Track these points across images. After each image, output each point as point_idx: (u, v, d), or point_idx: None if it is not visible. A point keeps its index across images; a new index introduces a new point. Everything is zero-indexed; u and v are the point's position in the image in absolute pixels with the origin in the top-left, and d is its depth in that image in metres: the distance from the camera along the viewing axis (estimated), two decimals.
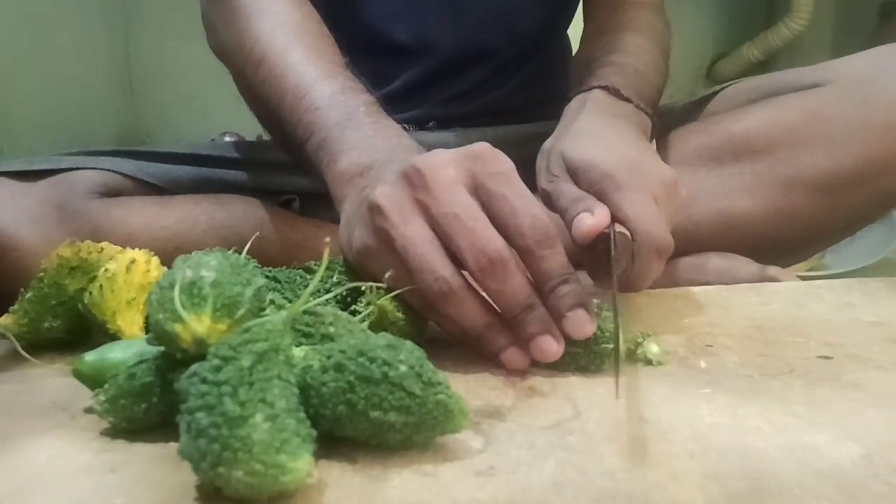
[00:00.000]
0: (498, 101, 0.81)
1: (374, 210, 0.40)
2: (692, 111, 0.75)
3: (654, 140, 0.65)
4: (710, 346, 0.44)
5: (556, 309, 0.39)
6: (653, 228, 0.46)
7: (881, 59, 0.63)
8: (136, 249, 0.46)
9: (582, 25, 0.85)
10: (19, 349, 0.44)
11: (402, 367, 0.29)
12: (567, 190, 0.50)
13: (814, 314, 0.51)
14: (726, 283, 0.62)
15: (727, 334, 0.46)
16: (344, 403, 0.29)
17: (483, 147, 0.41)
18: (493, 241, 0.38)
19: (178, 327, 0.30)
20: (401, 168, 0.41)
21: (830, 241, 0.70)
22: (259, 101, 0.61)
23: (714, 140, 0.67)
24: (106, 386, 0.33)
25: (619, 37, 0.72)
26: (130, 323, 0.43)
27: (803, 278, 0.64)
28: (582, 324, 0.38)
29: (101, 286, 0.44)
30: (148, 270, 0.44)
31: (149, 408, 0.32)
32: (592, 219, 0.45)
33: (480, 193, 0.40)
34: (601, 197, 0.48)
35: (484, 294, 0.40)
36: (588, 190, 0.49)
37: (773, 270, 0.62)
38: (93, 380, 0.35)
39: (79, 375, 0.36)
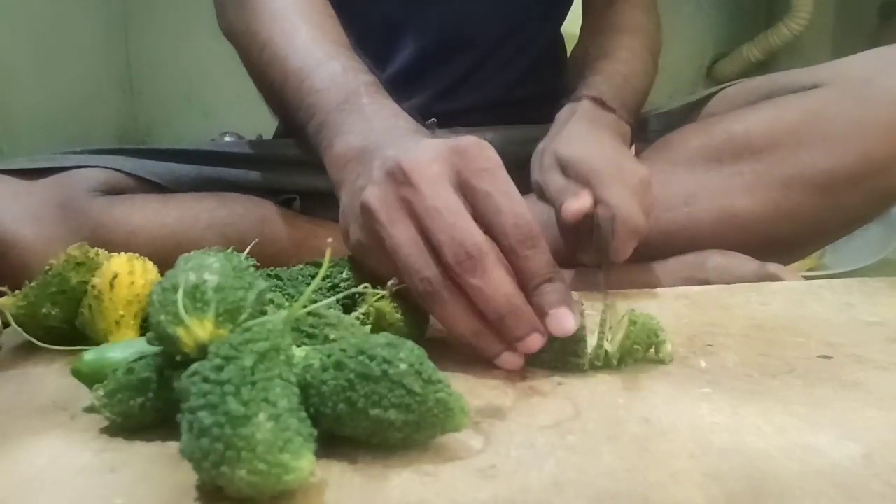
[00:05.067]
0: (496, 94, 0.81)
1: (365, 211, 0.41)
2: (691, 112, 0.75)
3: (633, 145, 0.72)
4: (710, 345, 0.44)
5: (540, 307, 0.39)
6: (630, 212, 0.53)
7: (881, 60, 0.63)
8: (121, 254, 0.46)
9: (578, 24, 0.86)
10: (13, 324, 0.44)
11: (402, 365, 0.29)
12: (556, 180, 0.58)
13: (814, 314, 0.51)
14: (726, 282, 0.62)
15: (727, 334, 0.46)
16: (344, 401, 0.29)
17: (469, 141, 0.41)
18: (473, 236, 0.38)
19: (180, 331, 0.30)
20: (387, 165, 0.41)
21: (830, 240, 0.71)
22: (265, 83, 0.63)
23: (714, 140, 0.67)
24: (106, 381, 0.33)
25: (612, 39, 0.76)
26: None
27: (804, 278, 0.64)
28: (564, 322, 0.38)
29: (90, 305, 0.44)
30: (132, 282, 0.44)
31: (144, 403, 0.32)
32: (579, 202, 0.54)
33: (465, 190, 0.40)
34: (587, 186, 0.55)
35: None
36: (575, 180, 0.57)
37: (773, 267, 0.62)
38: (91, 379, 0.35)
39: (77, 374, 0.36)
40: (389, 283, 0.40)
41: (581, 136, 0.62)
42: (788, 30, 1.75)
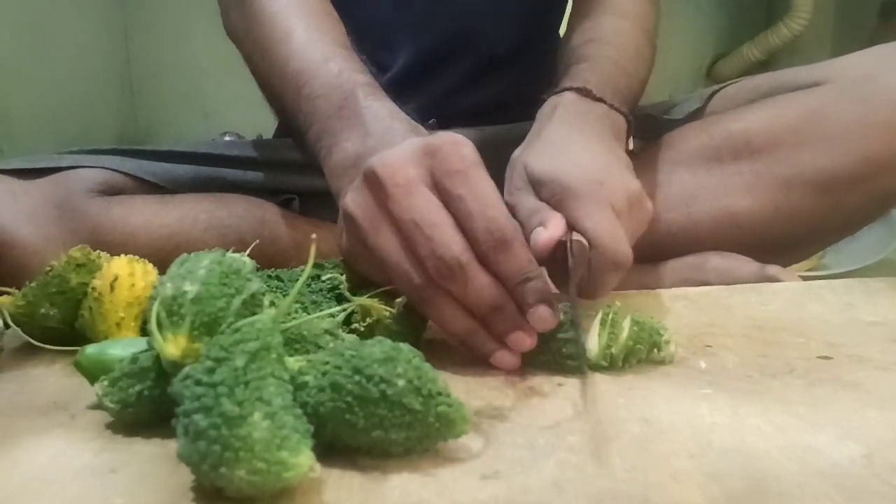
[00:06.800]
0: (496, 96, 0.81)
1: (347, 218, 0.42)
2: (694, 116, 0.75)
3: (631, 138, 0.63)
4: (710, 346, 0.44)
5: (520, 306, 0.39)
6: (609, 241, 0.45)
7: (880, 58, 0.63)
8: (123, 256, 0.46)
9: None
10: (10, 323, 0.44)
11: (400, 383, 0.29)
12: (525, 202, 0.50)
13: (814, 314, 0.51)
14: (726, 283, 0.62)
15: (727, 334, 0.46)
16: (343, 424, 0.29)
17: (443, 140, 0.40)
18: (450, 248, 0.38)
19: (156, 346, 0.30)
20: (365, 171, 0.41)
21: (830, 240, 0.70)
22: (266, 87, 0.63)
23: (714, 139, 0.67)
24: (113, 372, 0.33)
25: (600, 22, 0.70)
26: None
27: (804, 278, 0.64)
28: (544, 319, 0.39)
29: (90, 308, 0.44)
30: (133, 284, 0.44)
31: (142, 391, 0.32)
32: (546, 232, 0.45)
33: (440, 192, 0.40)
34: (560, 209, 0.47)
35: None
36: (549, 201, 0.49)
37: (772, 269, 0.62)
38: (92, 372, 0.35)
39: (79, 367, 0.36)
40: (398, 300, 0.41)
41: (558, 143, 0.54)
42: (788, 30, 1.75)
